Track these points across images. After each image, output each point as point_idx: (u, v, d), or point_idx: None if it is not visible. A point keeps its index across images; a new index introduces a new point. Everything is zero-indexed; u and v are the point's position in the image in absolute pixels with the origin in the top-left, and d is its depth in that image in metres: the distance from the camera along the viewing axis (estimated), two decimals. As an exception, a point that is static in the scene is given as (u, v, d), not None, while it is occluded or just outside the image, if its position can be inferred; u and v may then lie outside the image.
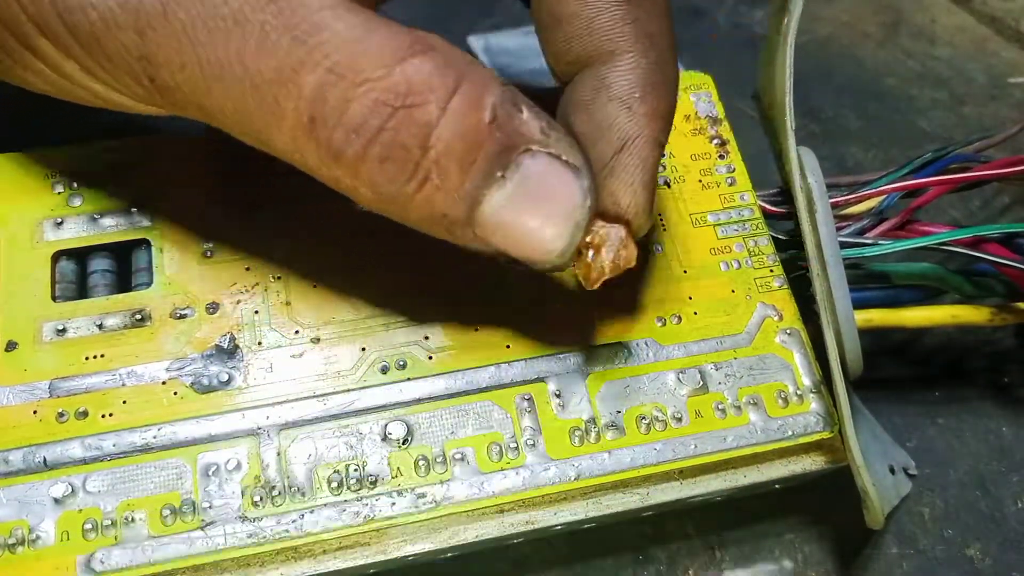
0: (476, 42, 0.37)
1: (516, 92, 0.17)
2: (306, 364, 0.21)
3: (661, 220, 0.24)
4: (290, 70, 0.16)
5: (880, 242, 0.23)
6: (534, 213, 0.17)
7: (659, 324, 0.22)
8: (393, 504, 0.20)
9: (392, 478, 0.20)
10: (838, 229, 0.23)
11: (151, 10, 0.16)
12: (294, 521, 0.19)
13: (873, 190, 0.24)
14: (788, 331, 0.22)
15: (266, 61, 0.16)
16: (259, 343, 0.21)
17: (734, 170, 0.25)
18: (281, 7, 0.16)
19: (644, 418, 0.21)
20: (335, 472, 0.20)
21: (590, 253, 0.19)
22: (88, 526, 0.19)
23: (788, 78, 0.22)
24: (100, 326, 0.21)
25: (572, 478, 0.20)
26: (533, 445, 0.21)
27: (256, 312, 0.21)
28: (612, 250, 0.19)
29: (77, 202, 0.22)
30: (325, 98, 0.16)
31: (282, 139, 0.16)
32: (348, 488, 0.20)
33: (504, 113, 0.16)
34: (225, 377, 0.21)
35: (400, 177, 0.16)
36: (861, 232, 0.24)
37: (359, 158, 0.16)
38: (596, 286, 0.19)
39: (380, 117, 0.16)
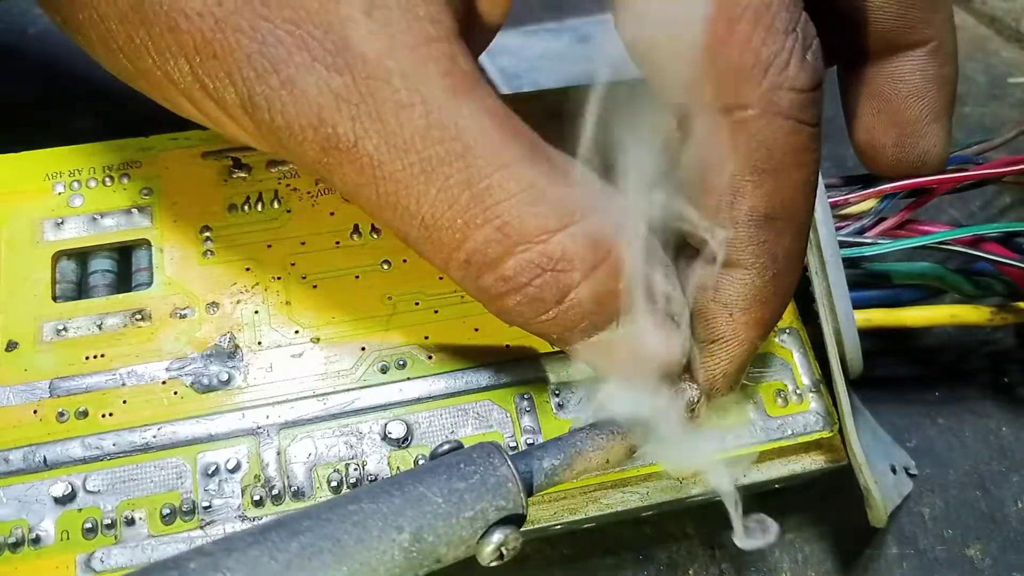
0: (476, 42, 0.36)
1: (656, 256, 0.18)
2: (306, 364, 0.21)
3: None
4: (462, 222, 0.16)
5: (880, 242, 0.23)
6: (629, 360, 0.18)
7: (659, 324, 0.22)
8: (393, 504, 0.20)
9: (392, 478, 0.20)
10: (838, 229, 0.23)
11: (343, 139, 0.16)
12: (294, 521, 0.19)
13: (873, 190, 0.24)
14: (788, 331, 0.22)
15: (441, 210, 0.16)
16: (259, 343, 0.21)
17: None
18: (468, 163, 0.16)
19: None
20: (335, 471, 0.20)
21: None
22: (88, 525, 0.19)
23: None
24: (100, 326, 0.21)
25: (572, 478, 0.20)
26: (533, 445, 0.21)
27: (256, 312, 0.21)
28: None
29: (77, 202, 0.22)
30: (486, 250, 0.17)
31: (434, 259, 0.17)
32: (348, 487, 0.20)
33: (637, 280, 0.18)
34: (225, 377, 0.21)
35: (529, 315, 0.18)
36: (861, 232, 0.24)
37: (500, 297, 0.17)
38: None
39: (529, 275, 0.17)
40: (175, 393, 0.20)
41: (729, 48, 0.16)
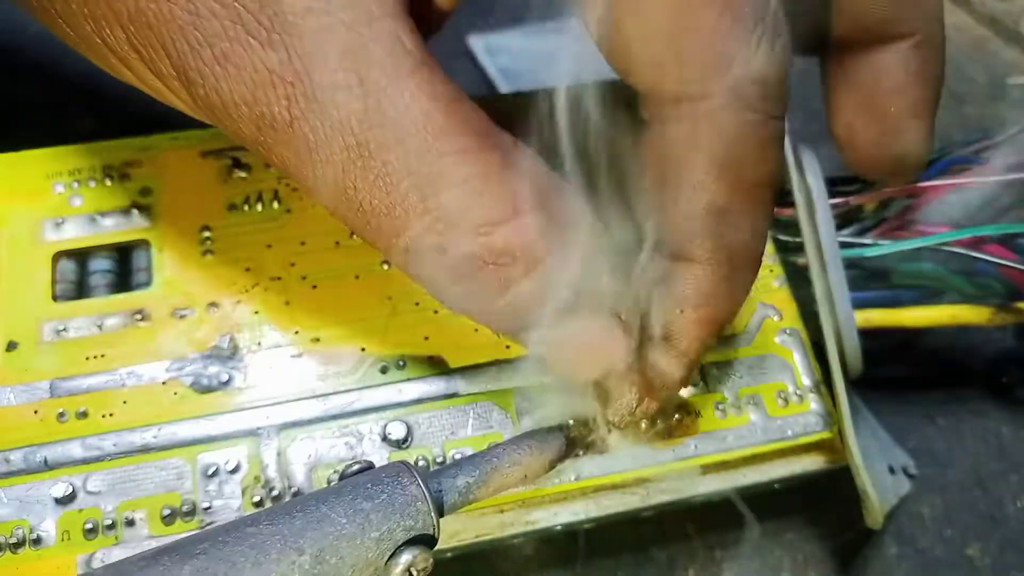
0: (476, 42, 0.37)
1: (607, 251, 0.18)
2: (306, 364, 0.21)
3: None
4: (401, 211, 0.16)
5: (880, 242, 0.23)
6: (575, 352, 0.18)
7: (659, 324, 0.22)
8: (393, 504, 0.20)
9: (392, 478, 0.20)
10: (838, 229, 0.23)
11: (278, 118, 0.15)
12: (294, 521, 0.19)
13: (873, 192, 0.24)
14: (788, 331, 0.23)
15: (380, 196, 0.16)
16: (259, 343, 0.21)
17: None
18: (408, 149, 0.15)
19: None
20: (335, 472, 0.20)
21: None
22: (89, 526, 0.19)
23: None
24: (100, 326, 0.21)
25: (572, 478, 0.20)
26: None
27: (256, 312, 0.21)
28: (617, 413, 0.19)
29: (77, 202, 0.22)
30: (426, 240, 0.16)
31: (374, 244, 0.17)
32: (348, 488, 0.20)
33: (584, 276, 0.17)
34: (225, 377, 0.21)
35: (469, 306, 0.17)
36: (861, 232, 0.24)
37: (436, 283, 0.17)
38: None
39: (469, 268, 0.16)
40: (175, 393, 0.20)
41: (693, 36, 0.16)
